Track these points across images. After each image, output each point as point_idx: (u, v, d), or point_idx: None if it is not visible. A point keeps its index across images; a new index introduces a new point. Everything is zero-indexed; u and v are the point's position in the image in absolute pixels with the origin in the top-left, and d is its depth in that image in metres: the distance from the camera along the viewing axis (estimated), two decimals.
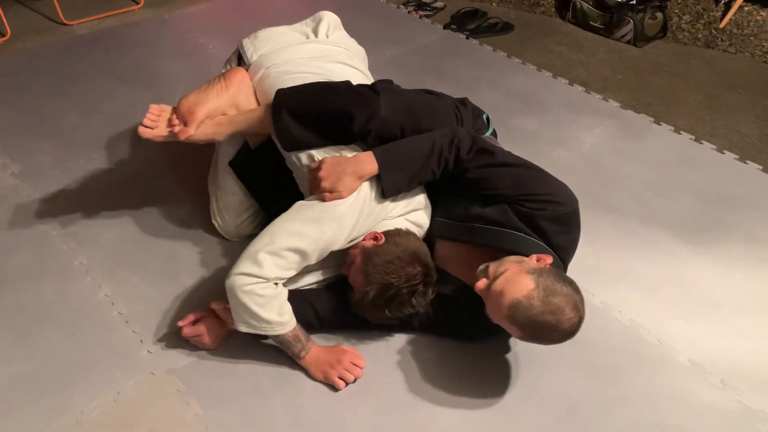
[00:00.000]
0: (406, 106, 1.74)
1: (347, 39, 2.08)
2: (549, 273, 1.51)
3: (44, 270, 1.96)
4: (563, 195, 1.66)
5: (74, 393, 1.63)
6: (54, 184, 2.28)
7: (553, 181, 1.68)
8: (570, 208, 1.66)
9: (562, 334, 1.49)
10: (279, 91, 1.75)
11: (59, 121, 2.60)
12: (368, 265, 1.60)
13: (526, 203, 1.63)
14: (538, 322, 1.45)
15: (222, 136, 1.83)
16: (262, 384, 1.67)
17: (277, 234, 1.59)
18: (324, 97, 1.72)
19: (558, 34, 3.42)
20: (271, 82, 1.84)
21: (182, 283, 1.93)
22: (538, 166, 1.70)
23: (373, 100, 1.69)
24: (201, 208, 2.14)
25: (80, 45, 3.14)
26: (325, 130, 1.71)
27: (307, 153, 1.74)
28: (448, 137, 1.67)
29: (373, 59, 2.21)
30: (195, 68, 2.92)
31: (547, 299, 1.45)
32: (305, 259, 1.60)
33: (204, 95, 1.83)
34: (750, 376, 1.74)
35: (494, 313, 1.52)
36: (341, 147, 1.72)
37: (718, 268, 2.05)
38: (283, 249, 1.57)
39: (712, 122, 2.75)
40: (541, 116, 2.74)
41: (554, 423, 1.61)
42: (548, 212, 1.62)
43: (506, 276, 1.49)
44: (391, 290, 1.58)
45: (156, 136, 1.78)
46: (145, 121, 1.78)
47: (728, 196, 2.34)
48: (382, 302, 1.60)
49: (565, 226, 1.66)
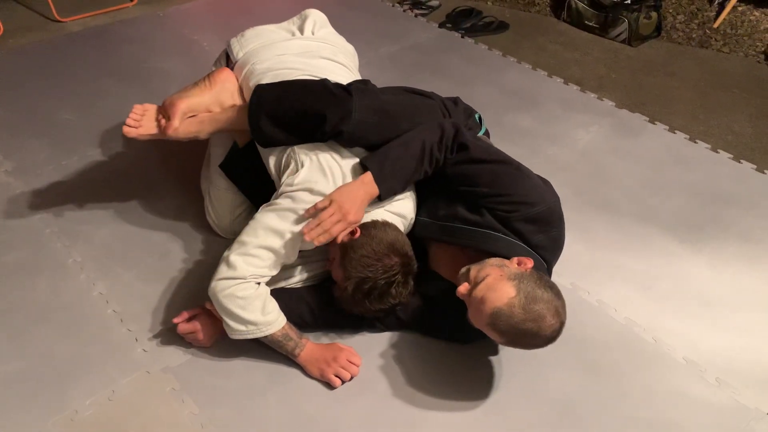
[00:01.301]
0: (381, 108, 1.73)
1: (334, 36, 2.09)
2: (530, 278, 1.51)
3: (38, 268, 1.95)
4: (535, 195, 1.66)
5: (69, 391, 1.62)
6: (48, 181, 2.26)
7: (526, 179, 1.68)
8: (544, 208, 1.65)
9: (544, 340, 1.50)
10: (256, 89, 1.76)
11: (53, 118, 2.58)
12: (345, 259, 1.61)
13: (499, 205, 1.64)
14: (520, 329, 1.46)
15: (205, 133, 1.84)
16: (258, 381, 1.66)
17: (247, 234, 1.62)
18: (298, 96, 1.72)
19: (553, 33, 3.42)
20: (253, 78, 1.86)
21: (177, 280, 1.92)
22: (517, 162, 1.70)
23: (347, 102, 1.67)
24: (195, 205, 2.14)
25: (74, 42, 3.12)
26: (298, 129, 1.71)
27: (275, 158, 1.75)
28: (437, 134, 1.67)
29: (368, 56, 2.21)
30: (189, 65, 2.91)
31: (528, 307, 1.46)
32: (280, 256, 1.61)
33: (186, 92, 1.86)
34: (745, 373, 1.74)
35: (475, 319, 1.53)
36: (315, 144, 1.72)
37: (712, 266, 2.06)
38: (254, 248, 1.59)
39: (707, 121, 2.76)
40: (536, 114, 2.74)
41: (549, 421, 1.61)
42: (521, 214, 1.63)
43: (487, 282, 1.50)
44: (368, 283, 1.58)
45: (141, 135, 1.81)
46: (128, 120, 1.81)
47: (722, 195, 2.35)
48: (361, 296, 1.60)
49: (542, 226, 1.66)
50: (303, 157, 1.69)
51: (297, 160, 1.70)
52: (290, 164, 1.71)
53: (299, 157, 1.70)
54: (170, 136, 1.80)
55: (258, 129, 1.73)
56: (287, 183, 1.67)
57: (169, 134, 1.79)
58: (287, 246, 1.62)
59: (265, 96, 1.74)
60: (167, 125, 1.78)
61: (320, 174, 1.66)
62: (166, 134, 1.80)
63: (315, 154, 1.69)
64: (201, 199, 2.10)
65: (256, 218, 1.65)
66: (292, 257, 1.65)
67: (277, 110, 1.72)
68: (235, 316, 1.59)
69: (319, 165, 1.67)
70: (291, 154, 1.72)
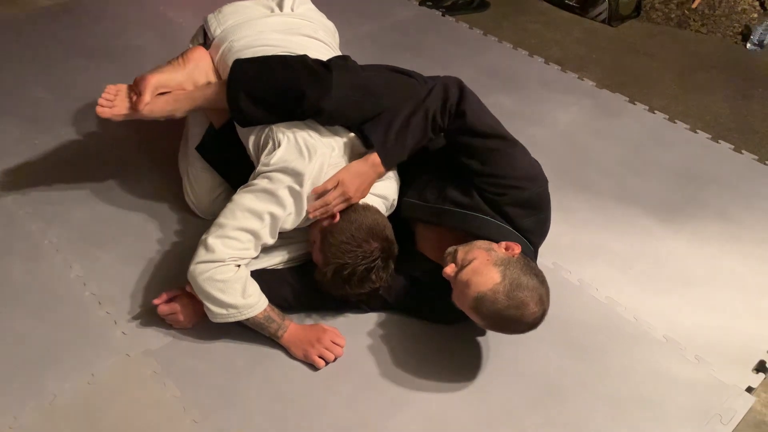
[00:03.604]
0: (361, 84, 1.70)
1: (314, 12, 2.05)
2: (516, 264, 1.51)
3: (12, 250, 1.90)
4: (526, 178, 1.65)
5: (47, 376, 1.59)
6: (21, 160, 2.20)
7: (519, 160, 1.67)
8: (534, 192, 1.65)
9: (525, 327, 1.52)
10: (234, 65, 1.73)
11: (25, 95, 2.51)
12: (324, 245, 1.61)
13: (489, 187, 1.63)
14: (502, 315, 1.48)
15: (181, 112, 1.80)
16: (240, 363, 1.65)
17: (224, 216, 1.60)
18: (277, 73, 1.69)
19: (533, 13, 3.41)
20: (232, 56, 1.81)
21: (155, 262, 1.89)
22: (513, 139, 1.67)
23: (326, 78, 1.64)
24: (173, 186, 2.10)
25: (45, 17, 3.02)
26: (276, 107, 1.68)
27: (254, 138, 1.73)
28: (440, 99, 1.64)
29: (348, 35, 2.18)
30: (165, 43, 2.84)
31: (513, 293, 1.46)
32: (259, 237, 1.60)
33: (159, 69, 1.82)
34: (723, 351, 1.77)
35: (459, 301, 1.54)
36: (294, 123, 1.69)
37: (691, 245, 2.08)
38: (232, 230, 1.58)
39: (685, 102, 2.78)
40: (517, 94, 2.73)
41: (533, 400, 1.63)
42: (510, 197, 1.63)
43: (473, 266, 1.50)
44: (347, 269, 1.58)
45: (115, 115, 1.76)
46: (100, 100, 1.76)
47: (701, 175, 2.37)
48: (341, 281, 1.60)
49: (530, 210, 1.66)
50: (280, 135, 1.66)
51: (275, 139, 1.67)
52: (268, 143, 1.68)
53: (277, 135, 1.67)
54: (143, 113, 1.75)
55: (237, 108, 1.69)
56: (264, 163, 1.64)
57: (141, 111, 1.75)
58: (266, 227, 1.60)
59: (243, 73, 1.71)
60: (138, 100, 1.74)
61: (297, 153, 1.63)
62: (138, 111, 1.75)
63: (292, 133, 1.66)
64: (179, 180, 2.06)
65: (234, 200, 1.62)
66: (272, 238, 1.63)
67: (256, 88, 1.68)
68: (215, 299, 1.57)
69: (296, 144, 1.64)
70: (269, 134, 1.69)
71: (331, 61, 1.73)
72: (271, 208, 1.59)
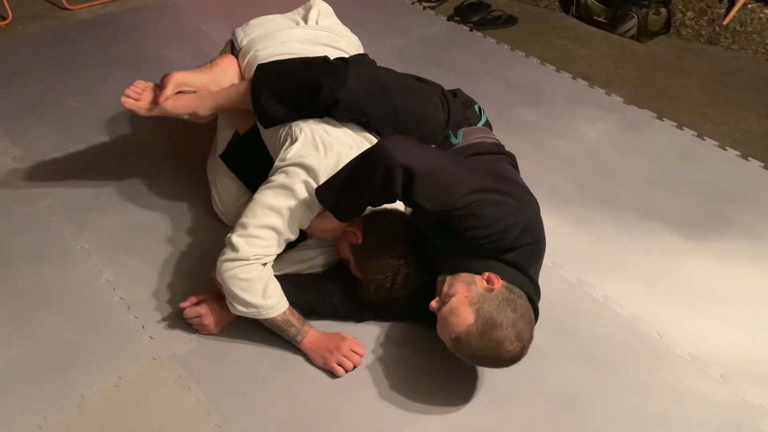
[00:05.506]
0: (376, 77, 1.77)
1: (339, 26, 2.11)
2: (493, 300, 1.48)
3: (45, 254, 1.96)
4: (500, 227, 1.50)
5: (75, 377, 1.63)
6: (55, 168, 2.27)
7: (488, 213, 1.49)
8: (512, 234, 1.52)
9: (505, 363, 1.52)
10: (258, 66, 1.81)
11: (60, 105, 2.59)
12: (359, 263, 1.66)
13: (465, 233, 1.51)
14: (478, 355, 1.50)
15: (204, 109, 1.86)
16: (263, 370, 1.67)
17: (246, 215, 1.64)
18: (297, 69, 1.77)
19: (561, 29, 3.41)
20: (256, 63, 1.87)
21: (183, 268, 1.93)
22: (477, 185, 1.51)
23: (342, 70, 1.72)
24: (202, 193, 2.14)
25: (81, 30, 3.12)
26: (296, 102, 1.73)
27: (276, 139, 1.78)
28: (379, 178, 1.50)
29: (374, 49, 2.20)
30: (196, 54, 2.90)
31: (486, 334, 1.46)
32: (281, 233, 1.63)
33: (187, 71, 1.90)
34: (749, 370, 1.74)
35: (441, 337, 1.55)
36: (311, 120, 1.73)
37: (717, 263, 2.06)
38: (254, 228, 1.61)
39: (715, 119, 2.75)
40: (543, 108, 2.73)
41: (553, 415, 1.61)
42: (490, 245, 1.52)
43: (451, 305, 1.50)
44: (388, 282, 1.63)
45: (138, 108, 1.85)
46: (127, 91, 1.86)
47: (729, 192, 2.34)
48: (386, 292, 1.64)
49: (513, 246, 1.55)
50: (298, 132, 1.72)
51: (292, 135, 1.73)
52: (286, 141, 1.74)
53: (294, 132, 1.73)
54: (165, 107, 1.83)
55: (260, 105, 1.76)
56: (281, 158, 1.69)
57: (162, 104, 1.82)
58: (286, 222, 1.63)
59: (266, 71, 1.79)
60: (160, 94, 1.82)
61: (313, 148, 1.67)
62: (159, 104, 1.82)
63: (310, 129, 1.71)
64: (207, 187, 2.10)
65: (254, 198, 1.66)
66: (294, 234, 1.66)
67: (278, 84, 1.75)
68: (236, 297, 1.61)
69: (312, 139, 1.69)
70: (288, 131, 1.75)
71: (350, 57, 1.82)
72: (290, 203, 1.62)
